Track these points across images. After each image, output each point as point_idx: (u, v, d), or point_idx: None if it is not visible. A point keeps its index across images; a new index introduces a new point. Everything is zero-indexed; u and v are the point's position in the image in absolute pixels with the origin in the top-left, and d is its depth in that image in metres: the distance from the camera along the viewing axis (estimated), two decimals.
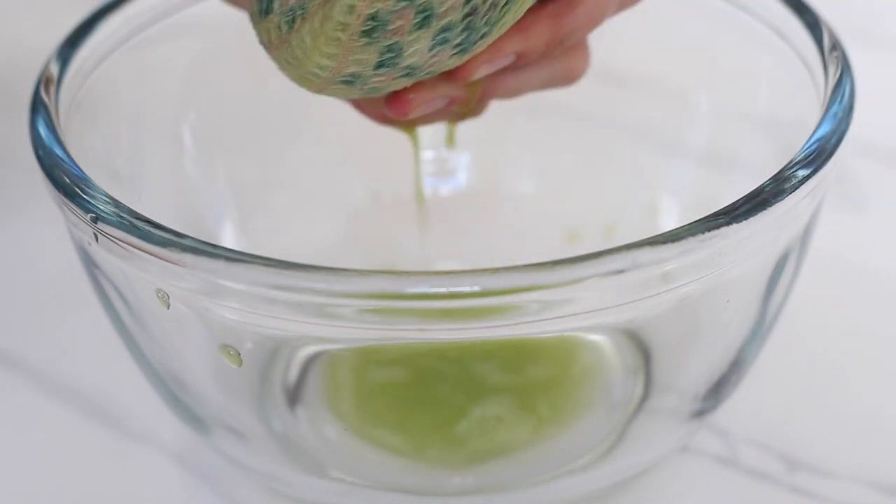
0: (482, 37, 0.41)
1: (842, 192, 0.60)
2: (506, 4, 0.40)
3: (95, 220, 0.39)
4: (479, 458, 0.47)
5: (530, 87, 0.45)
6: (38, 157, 0.42)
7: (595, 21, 0.43)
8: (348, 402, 0.49)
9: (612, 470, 0.46)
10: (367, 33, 0.39)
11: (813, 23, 0.47)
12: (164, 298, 0.41)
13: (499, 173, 0.47)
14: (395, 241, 0.57)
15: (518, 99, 0.46)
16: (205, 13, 0.52)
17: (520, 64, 0.43)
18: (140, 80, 0.51)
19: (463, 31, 0.40)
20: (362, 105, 0.46)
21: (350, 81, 0.41)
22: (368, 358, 0.50)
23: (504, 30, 0.41)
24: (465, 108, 0.46)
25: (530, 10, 0.42)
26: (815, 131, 0.42)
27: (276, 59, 0.42)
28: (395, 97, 0.43)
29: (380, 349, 0.49)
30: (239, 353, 0.44)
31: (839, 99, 0.43)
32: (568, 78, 0.45)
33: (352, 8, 0.39)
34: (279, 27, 0.41)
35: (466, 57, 0.41)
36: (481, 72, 0.43)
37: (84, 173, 0.41)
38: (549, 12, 0.42)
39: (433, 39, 0.40)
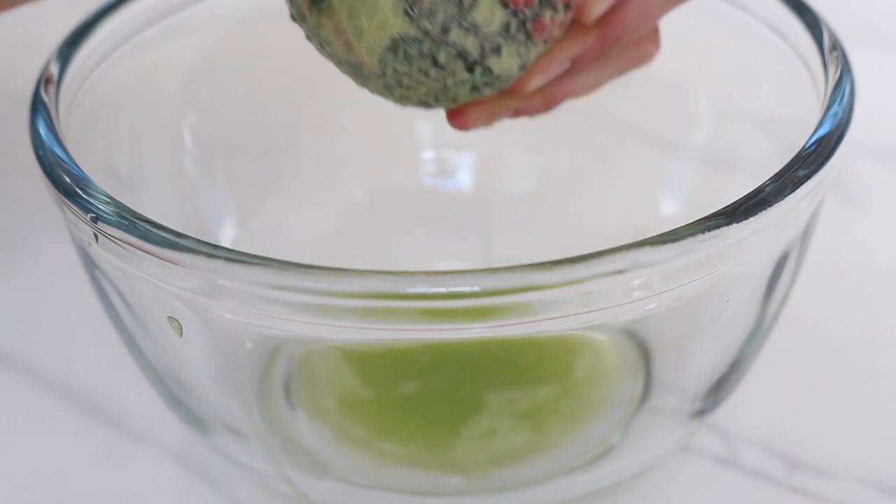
0: None
1: (842, 192, 0.60)
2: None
3: (95, 220, 0.39)
4: (478, 461, 0.47)
5: (603, 81, 0.45)
6: (38, 157, 0.42)
7: (645, 20, 0.43)
8: (338, 405, 0.49)
9: (612, 470, 0.46)
10: None
11: (813, 23, 0.47)
12: (178, 326, 0.41)
13: (499, 173, 0.47)
14: (395, 241, 0.57)
15: None
16: (204, 13, 0.52)
17: (578, 68, 0.43)
18: (140, 80, 0.51)
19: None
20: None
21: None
22: (366, 360, 0.50)
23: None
24: (534, 111, 0.46)
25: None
26: (815, 131, 0.42)
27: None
28: (456, 112, 0.44)
29: (377, 350, 0.49)
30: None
31: (839, 99, 0.43)
32: (640, 63, 0.46)
33: None
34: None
35: None
36: (537, 82, 0.43)
37: (84, 173, 0.41)
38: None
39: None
